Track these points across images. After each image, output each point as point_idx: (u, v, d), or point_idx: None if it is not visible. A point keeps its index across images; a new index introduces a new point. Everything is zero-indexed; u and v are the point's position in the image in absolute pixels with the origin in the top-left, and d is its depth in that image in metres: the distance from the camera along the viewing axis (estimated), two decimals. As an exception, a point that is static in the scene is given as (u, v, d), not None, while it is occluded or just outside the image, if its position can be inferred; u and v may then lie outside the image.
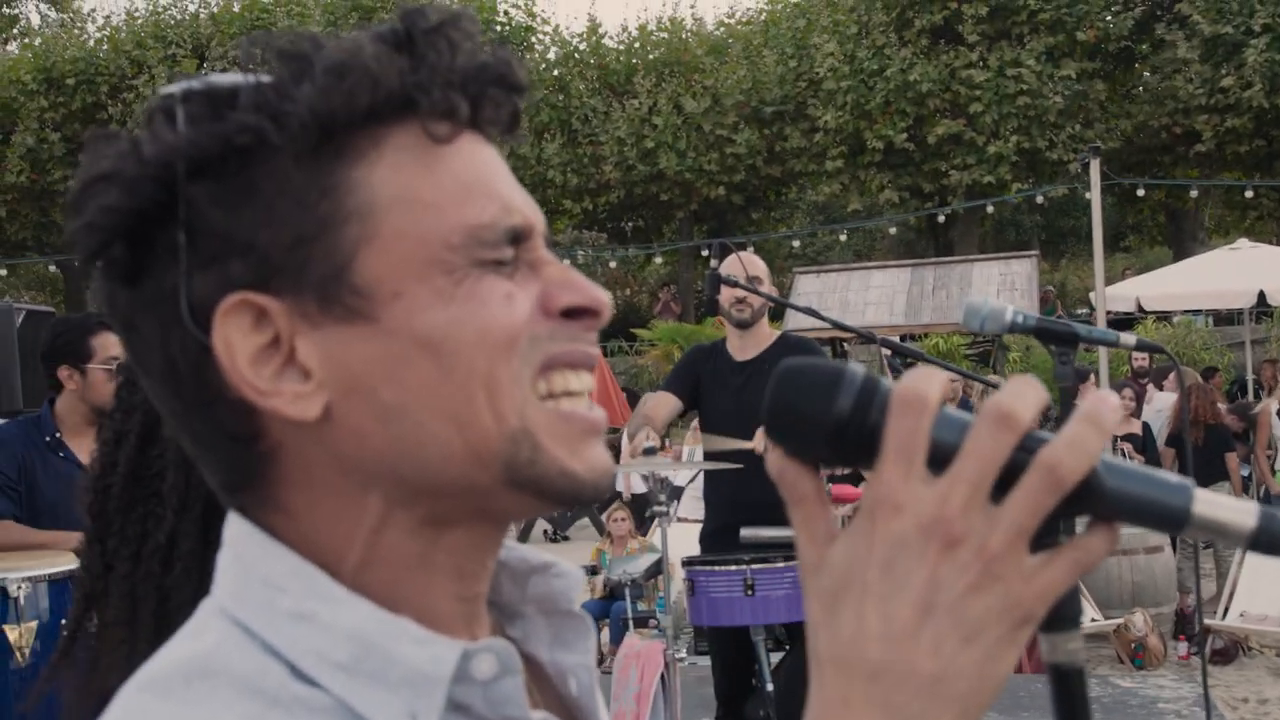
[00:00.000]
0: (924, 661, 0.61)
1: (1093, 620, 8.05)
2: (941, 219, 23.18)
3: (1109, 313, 16.14)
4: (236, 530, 0.74)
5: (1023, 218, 31.83)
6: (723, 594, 4.31)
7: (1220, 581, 8.77)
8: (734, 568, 4.31)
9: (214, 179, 0.68)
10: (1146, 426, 10.03)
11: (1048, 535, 0.62)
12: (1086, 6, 22.81)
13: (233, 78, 0.70)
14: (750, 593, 4.25)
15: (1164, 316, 17.51)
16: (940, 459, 0.62)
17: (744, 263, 4.68)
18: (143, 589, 1.36)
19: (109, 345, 4.14)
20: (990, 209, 21.94)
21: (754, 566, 4.28)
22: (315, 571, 0.71)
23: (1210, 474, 9.36)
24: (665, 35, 26.40)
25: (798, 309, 4.68)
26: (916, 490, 0.61)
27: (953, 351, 16.54)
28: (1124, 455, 9.48)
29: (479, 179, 0.73)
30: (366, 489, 0.71)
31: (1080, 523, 0.65)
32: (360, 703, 0.68)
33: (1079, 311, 22.30)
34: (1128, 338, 2.51)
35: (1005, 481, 0.61)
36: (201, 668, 0.67)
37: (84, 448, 4.19)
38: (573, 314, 0.74)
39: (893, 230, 25.15)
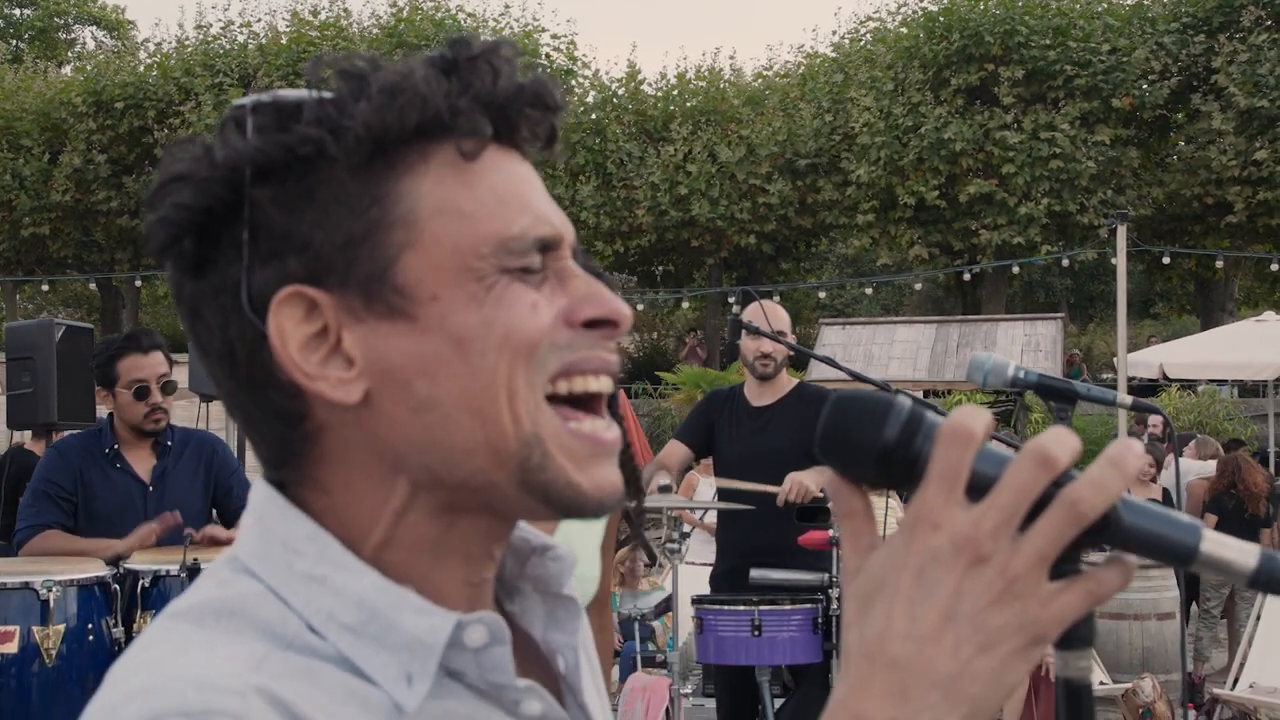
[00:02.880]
0: (942, 661, 0.67)
1: (1101, 684, 8.03)
2: (967, 277, 23.22)
3: (1132, 379, 16.13)
4: (260, 495, 0.82)
5: (1053, 280, 31.83)
6: (730, 633, 4.38)
7: (1232, 651, 8.74)
8: (742, 608, 4.38)
9: (277, 183, 0.76)
10: (1166, 491, 10.01)
11: (1069, 564, 0.68)
12: (1123, 75, 22.91)
13: (299, 93, 0.78)
14: (757, 633, 4.32)
15: (1188, 385, 17.46)
16: (978, 488, 0.68)
17: (767, 312, 4.78)
18: None
19: (132, 369, 4.31)
20: (1018, 270, 21.95)
21: (762, 608, 4.35)
22: (330, 539, 0.78)
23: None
24: (703, 84, 26.63)
25: (818, 358, 4.78)
26: (954, 512, 0.68)
27: (975, 410, 16.50)
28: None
29: (513, 193, 0.80)
30: (396, 472, 0.78)
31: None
32: (363, 661, 0.75)
33: (1104, 376, 22.26)
34: (1124, 398, 2.61)
35: (1034, 513, 0.67)
36: (230, 608, 0.76)
37: (140, 460, 4.36)
38: (594, 324, 0.80)
39: (918, 286, 25.19)
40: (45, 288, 27.56)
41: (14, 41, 41.29)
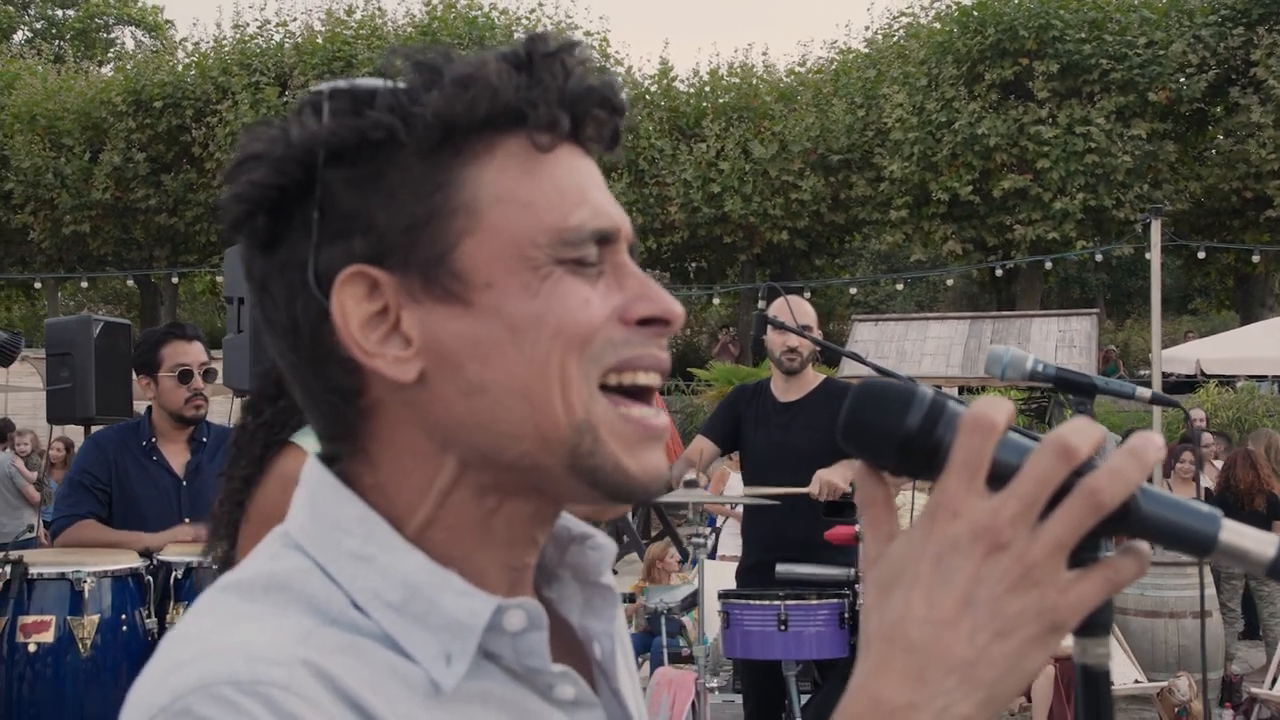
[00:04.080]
0: (959, 646, 0.68)
1: (1136, 682, 7.98)
2: (1000, 273, 23.05)
3: (1169, 374, 15.98)
4: (313, 474, 0.84)
5: (1089, 276, 31.56)
6: (756, 628, 4.39)
7: (1269, 651, 8.65)
8: (769, 603, 4.39)
9: (348, 165, 0.79)
10: (1209, 490, 9.90)
11: (1088, 552, 0.69)
12: (1159, 68, 22.66)
13: (374, 81, 0.81)
14: (784, 628, 4.33)
15: (1227, 381, 17.28)
16: (1000, 476, 0.69)
17: (792, 308, 4.78)
18: None
19: (176, 354, 4.39)
20: (1050, 265, 21.76)
21: (789, 603, 4.36)
22: (378, 519, 0.80)
23: None
24: (736, 81, 26.59)
25: (844, 353, 4.78)
26: (974, 500, 0.68)
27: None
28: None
29: (574, 186, 0.82)
30: (445, 450, 0.81)
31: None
32: (404, 639, 0.77)
33: (1141, 372, 22.04)
34: (1143, 392, 2.59)
35: (1054, 502, 0.68)
36: (279, 583, 0.78)
37: (176, 455, 4.44)
38: (647, 322, 0.82)
39: (949, 282, 25.05)
40: (85, 284, 27.84)
41: (56, 41, 41.82)
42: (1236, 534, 0.69)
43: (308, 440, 1.93)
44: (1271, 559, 0.68)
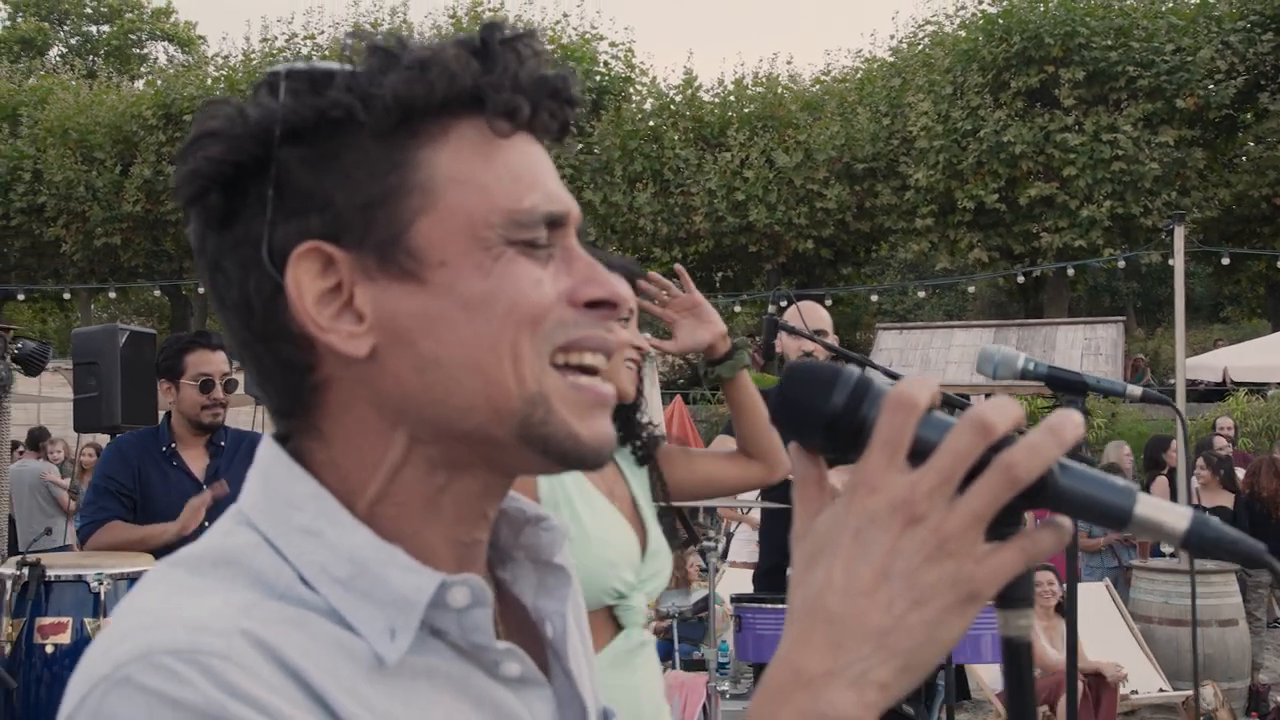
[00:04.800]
0: (876, 616, 0.69)
1: (1160, 690, 7.92)
2: (1021, 279, 22.91)
3: (1198, 382, 15.84)
4: (267, 454, 0.86)
5: (1118, 284, 31.35)
6: (769, 632, 4.40)
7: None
8: (781, 606, 4.39)
9: (305, 144, 0.79)
10: (1239, 501, 9.77)
11: (1010, 527, 0.70)
12: (1187, 75, 22.53)
13: (332, 65, 0.82)
14: (795, 631, 4.33)
15: (1257, 390, 17.11)
16: (923, 454, 0.70)
17: (803, 313, 4.79)
18: None
19: (200, 362, 4.44)
20: (1071, 271, 21.59)
21: (800, 606, 4.36)
22: (329, 497, 0.82)
23: None
24: (760, 90, 26.61)
25: (857, 359, 4.78)
26: (893, 476, 0.70)
27: (1035, 414, 16.36)
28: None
29: (527, 171, 0.84)
30: (396, 426, 0.82)
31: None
32: (350, 613, 0.78)
33: (1170, 381, 21.85)
34: (1134, 390, 2.59)
35: (974, 478, 0.69)
36: (227, 558, 0.79)
37: (195, 459, 4.49)
38: (596, 305, 0.84)
39: (971, 289, 24.93)
40: (114, 295, 28.16)
41: (90, 57, 42.35)
42: (1152, 507, 0.70)
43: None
44: (1184, 531, 0.69)
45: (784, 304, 4.93)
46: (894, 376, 4.47)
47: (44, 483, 11.21)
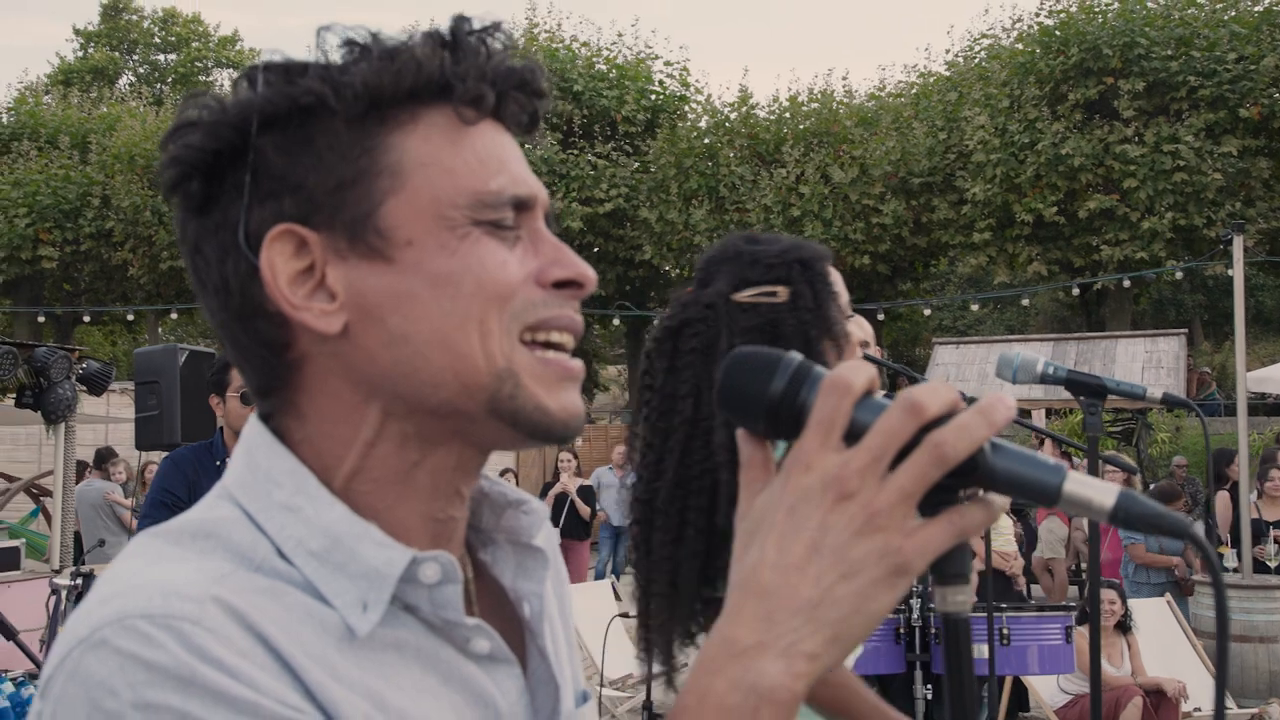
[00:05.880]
0: (805, 589, 0.71)
1: (1226, 710, 7.76)
2: (1076, 291, 22.56)
3: (1265, 395, 15.51)
4: (252, 432, 0.89)
5: (1183, 297, 30.82)
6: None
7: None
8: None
9: (280, 131, 0.84)
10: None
11: (945, 505, 0.72)
12: (1250, 83, 22.11)
13: (306, 58, 0.85)
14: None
15: (1326, 403, 16.73)
16: (858, 435, 0.72)
17: (845, 323, 4.77)
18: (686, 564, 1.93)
19: None
20: (1127, 283, 21.25)
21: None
22: (307, 473, 0.85)
23: None
24: (816, 106, 26.53)
25: (899, 369, 4.76)
26: (827, 455, 0.72)
27: (1097, 429, 16.09)
28: (1277, 543, 9.08)
29: (494, 156, 0.87)
30: (369, 401, 0.85)
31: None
32: (324, 586, 0.82)
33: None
34: (1154, 391, 2.57)
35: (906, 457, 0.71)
36: (207, 530, 0.83)
37: None
38: (562, 285, 0.88)
39: (1025, 302, 24.61)
40: (175, 316, 28.69)
41: (158, 85, 43.34)
42: (1080, 484, 0.71)
43: None
44: (1112, 507, 0.71)
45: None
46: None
47: (107, 502, 11.46)
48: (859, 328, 4.85)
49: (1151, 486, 10.33)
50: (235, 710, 0.72)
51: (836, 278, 2.18)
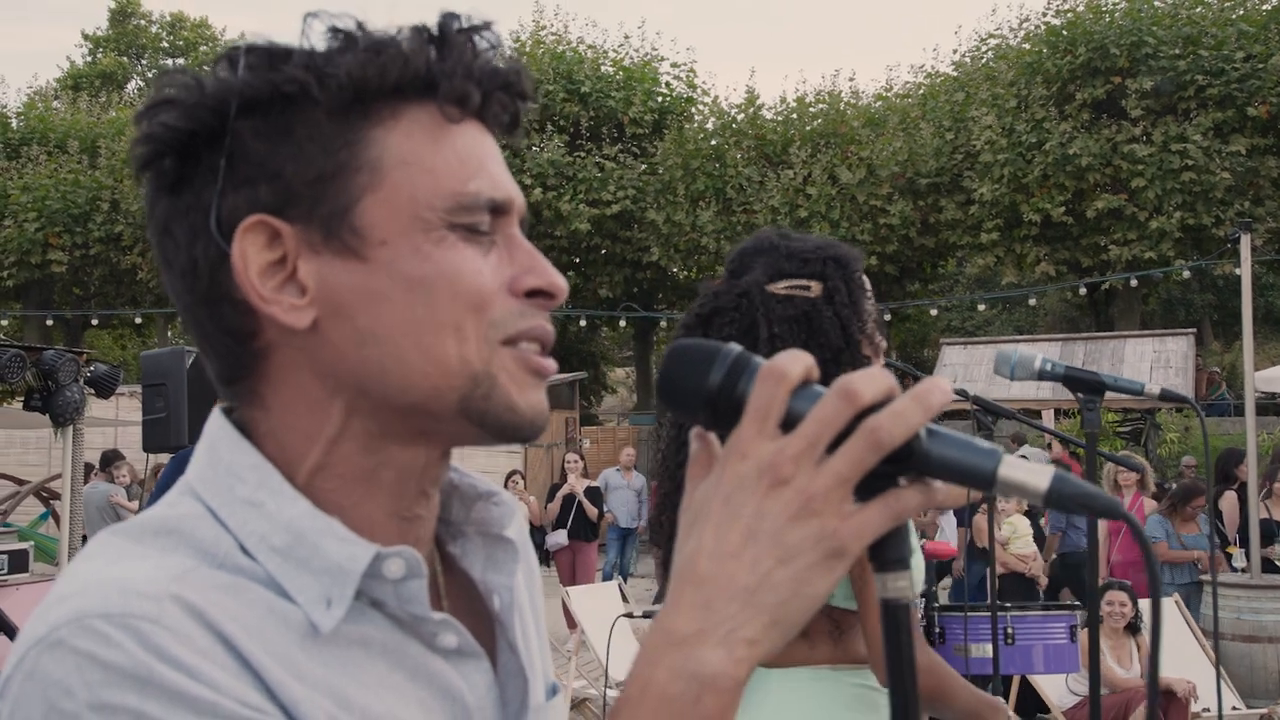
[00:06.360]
0: (742, 575, 0.71)
1: (1234, 709, 7.74)
2: (1083, 291, 22.50)
3: (1270, 395, 15.46)
4: (215, 426, 0.88)
5: (1193, 297, 30.73)
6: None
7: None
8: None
9: (260, 117, 0.82)
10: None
11: (882, 491, 0.72)
12: (1259, 82, 22.04)
13: (291, 43, 0.83)
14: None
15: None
16: (795, 423, 0.72)
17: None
18: None
19: None
20: (1135, 283, 21.19)
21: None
22: (271, 469, 0.84)
23: None
24: (823, 107, 26.52)
25: (904, 369, 4.75)
26: (763, 442, 0.72)
27: (1106, 428, 16.08)
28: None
29: (474, 158, 0.86)
30: (333, 396, 0.84)
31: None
32: (287, 582, 0.80)
33: (1246, 394, 21.35)
34: (1152, 387, 2.57)
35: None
36: (169, 527, 0.81)
37: None
38: (534, 294, 0.86)
39: (1032, 302, 24.57)
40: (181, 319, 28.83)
41: (164, 90, 43.38)
42: (1014, 468, 0.71)
43: None
44: (1046, 489, 0.71)
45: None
46: (961, 394, 4.44)
47: (111, 505, 11.48)
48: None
49: (1173, 486, 10.29)
50: (194, 711, 0.71)
51: (866, 281, 2.21)
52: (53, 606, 0.75)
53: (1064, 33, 23.60)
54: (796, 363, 0.73)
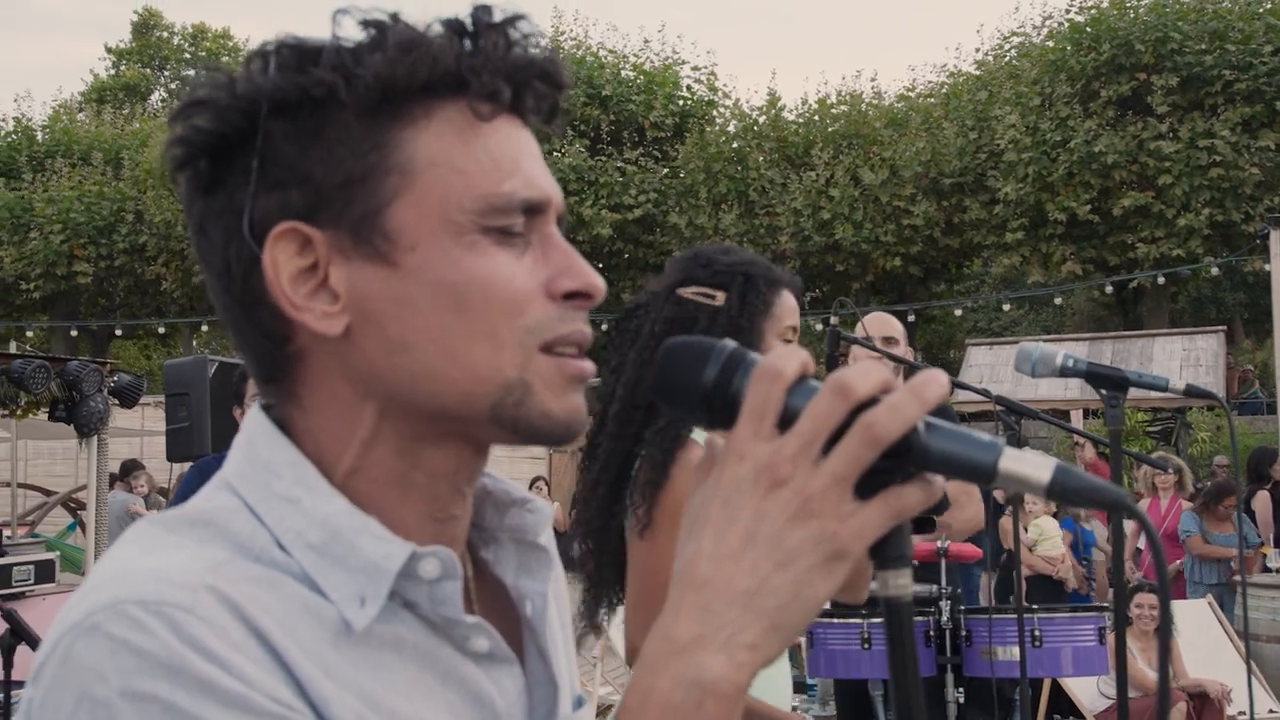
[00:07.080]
0: (741, 579, 0.71)
1: (1271, 711, 7.62)
2: (1109, 289, 22.34)
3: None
4: (254, 422, 0.87)
5: (1224, 295, 30.43)
6: (839, 646, 4.33)
7: None
8: (851, 620, 4.33)
9: (289, 119, 0.81)
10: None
11: (884, 488, 0.70)
12: (1287, 76, 21.89)
13: (321, 39, 0.82)
14: (867, 646, 4.26)
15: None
16: (791, 421, 0.71)
17: (870, 323, 4.73)
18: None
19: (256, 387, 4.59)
20: (1163, 280, 21.04)
21: (871, 620, 4.29)
22: (308, 465, 0.83)
23: None
24: (845, 108, 26.49)
25: (910, 365, 4.69)
26: (759, 443, 0.71)
27: (1135, 428, 15.92)
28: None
29: (508, 156, 0.84)
30: (365, 401, 0.84)
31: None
32: (322, 578, 0.80)
33: (1281, 392, 21.15)
34: (1177, 383, 2.51)
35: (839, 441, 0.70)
36: (206, 519, 0.81)
37: None
38: (571, 296, 0.85)
39: (1058, 300, 24.41)
40: (205, 328, 28.99)
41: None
42: (1016, 460, 0.70)
43: (702, 435, 2.06)
44: (1048, 482, 0.69)
45: (844, 311, 4.87)
46: (983, 394, 4.39)
47: (130, 514, 11.55)
48: (881, 325, 4.81)
49: (1209, 484, 10.17)
50: (223, 704, 0.71)
51: (790, 306, 2.27)
52: (89, 593, 0.75)
53: (1088, 29, 23.47)
54: (792, 359, 0.72)
